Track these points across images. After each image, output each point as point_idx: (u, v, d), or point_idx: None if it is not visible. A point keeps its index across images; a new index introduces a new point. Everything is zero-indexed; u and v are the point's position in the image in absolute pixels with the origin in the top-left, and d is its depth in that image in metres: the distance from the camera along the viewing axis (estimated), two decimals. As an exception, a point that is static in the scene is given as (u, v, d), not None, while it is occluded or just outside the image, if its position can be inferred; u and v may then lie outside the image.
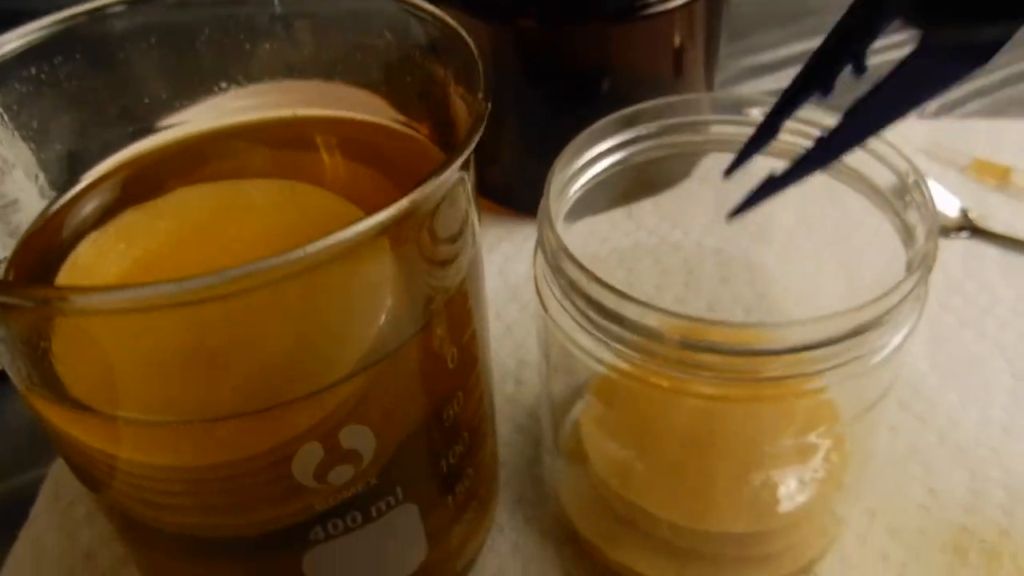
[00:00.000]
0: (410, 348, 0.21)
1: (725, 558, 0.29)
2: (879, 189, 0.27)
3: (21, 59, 0.22)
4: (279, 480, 0.21)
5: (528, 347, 0.38)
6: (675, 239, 0.42)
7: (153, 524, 0.22)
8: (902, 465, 0.33)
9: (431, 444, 0.24)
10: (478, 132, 0.19)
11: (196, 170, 0.25)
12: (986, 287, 0.40)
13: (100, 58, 0.24)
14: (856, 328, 0.22)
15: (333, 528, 0.22)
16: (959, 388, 0.36)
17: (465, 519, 0.27)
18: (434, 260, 0.21)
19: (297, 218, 0.23)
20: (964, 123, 0.50)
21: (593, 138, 0.26)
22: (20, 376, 0.20)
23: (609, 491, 0.30)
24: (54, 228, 0.23)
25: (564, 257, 0.23)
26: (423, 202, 0.18)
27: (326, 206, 0.24)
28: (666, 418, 0.28)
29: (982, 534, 0.31)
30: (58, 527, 0.32)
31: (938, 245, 0.24)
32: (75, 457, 0.22)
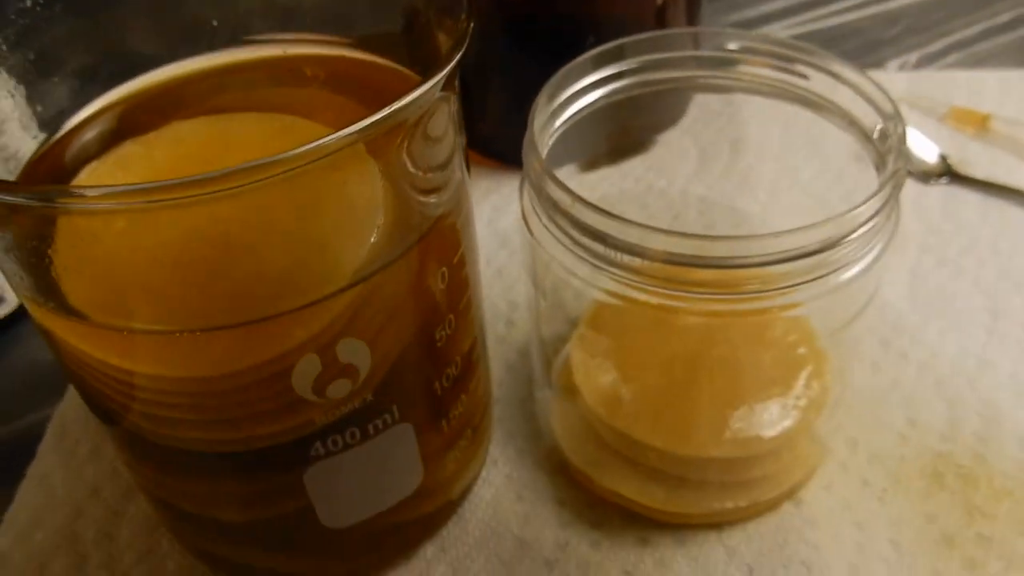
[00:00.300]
0: (402, 264, 0.22)
1: (710, 484, 0.30)
2: (854, 119, 0.28)
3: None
4: (280, 394, 0.21)
5: (518, 290, 0.39)
6: (660, 187, 0.43)
7: (157, 440, 0.23)
8: (883, 398, 0.34)
9: (424, 365, 0.24)
10: (460, 49, 0.20)
11: (190, 105, 0.26)
12: (965, 228, 0.41)
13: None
14: (829, 240, 0.23)
15: (333, 444, 0.23)
16: (938, 324, 0.37)
17: (459, 446, 0.28)
18: (421, 179, 0.22)
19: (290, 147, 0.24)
20: (943, 74, 0.51)
21: (578, 71, 0.27)
22: (23, 288, 0.20)
23: (598, 421, 0.31)
24: (54, 158, 0.24)
25: (549, 181, 0.24)
26: (405, 113, 0.19)
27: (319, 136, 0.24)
28: (652, 345, 0.29)
29: (959, 460, 0.32)
30: (64, 464, 0.33)
31: (907, 166, 0.25)
32: (80, 371, 0.22)
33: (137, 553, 0.30)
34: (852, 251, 0.24)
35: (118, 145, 0.24)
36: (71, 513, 0.31)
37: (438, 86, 0.20)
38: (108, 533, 0.31)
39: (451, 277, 0.24)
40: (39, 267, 0.20)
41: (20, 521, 0.31)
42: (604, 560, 0.29)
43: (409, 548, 0.30)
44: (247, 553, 0.28)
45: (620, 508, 0.31)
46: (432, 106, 0.20)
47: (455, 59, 0.20)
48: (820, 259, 0.23)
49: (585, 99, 0.28)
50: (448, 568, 0.29)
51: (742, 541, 0.30)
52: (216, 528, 0.27)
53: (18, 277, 0.20)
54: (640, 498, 0.30)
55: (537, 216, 0.26)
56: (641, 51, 0.28)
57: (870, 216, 0.23)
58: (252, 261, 0.19)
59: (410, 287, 0.22)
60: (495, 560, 0.30)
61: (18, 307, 0.39)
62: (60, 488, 0.32)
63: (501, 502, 0.31)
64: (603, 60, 0.27)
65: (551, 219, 0.25)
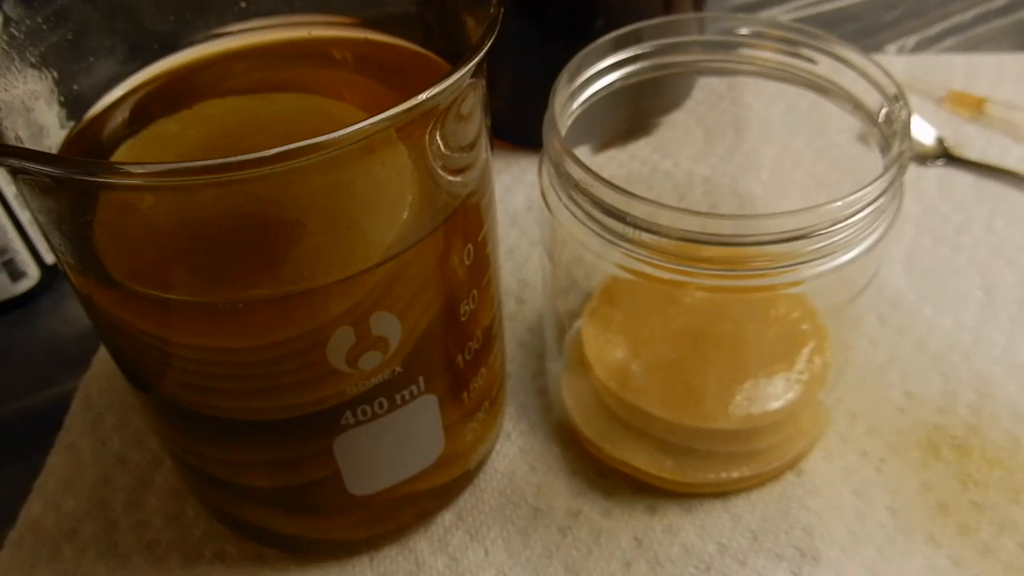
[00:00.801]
0: (432, 240, 0.23)
1: (716, 454, 0.32)
2: (859, 102, 0.29)
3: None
4: (315, 365, 0.22)
5: (528, 269, 0.40)
6: (666, 168, 0.44)
7: (191, 408, 0.24)
8: (881, 373, 0.35)
9: (449, 339, 0.25)
10: (491, 35, 0.21)
11: (221, 85, 0.27)
12: (960, 208, 0.42)
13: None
14: (834, 221, 0.24)
15: (362, 414, 0.24)
16: (934, 301, 0.38)
17: (478, 417, 0.29)
18: (451, 160, 0.23)
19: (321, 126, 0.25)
20: (941, 58, 0.52)
21: (597, 53, 0.28)
22: (67, 258, 0.21)
23: (609, 394, 0.32)
24: (91, 135, 0.24)
25: (568, 160, 0.25)
26: (438, 99, 0.19)
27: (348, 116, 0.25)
28: (661, 319, 0.31)
29: (953, 431, 0.33)
30: (91, 434, 0.34)
31: (912, 148, 0.26)
32: (118, 340, 0.23)
33: (164, 519, 0.31)
34: (856, 232, 0.25)
35: (153, 123, 0.25)
36: (99, 481, 0.32)
37: (470, 72, 0.20)
38: (136, 501, 0.32)
39: (476, 254, 0.25)
40: (82, 239, 0.20)
41: (49, 488, 0.32)
42: (615, 527, 0.31)
43: (428, 516, 0.31)
44: (273, 518, 0.29)
45: (629, 478, 0.32)
46: (463, 91, 0.21)
47: (487, 46, 0.21)
48: (824, 239, 0.24)
49: (603, 80, 0.28)
50: (465, 535, 0.31)
51: (746, 509, 0.31)
52: (244, 494, 0.28)
53: (62, 247, 0.21)
54: (649, 468, 0.31)
55: (555, 193, 0.27)
56: (657, 35, 0.29)
57: (874, 198, 0.24)
58: (289, 237, 0.20)
59: (439, 263, 0.23)
60: (510, 528, 0.31)
61: (39, 281, 0.40)
62: (88, 457, 0.33)
63: (515, 473, 0.32)
64: (621, 43, 0.28)
65: (569, 196, 0.26)
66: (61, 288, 0.41)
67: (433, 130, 0.21)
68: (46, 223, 0.21)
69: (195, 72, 0.27)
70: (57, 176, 0.18)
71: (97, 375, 0.36)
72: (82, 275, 0.22)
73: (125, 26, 0.26)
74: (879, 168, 0.29)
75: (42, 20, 0.23)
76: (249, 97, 0.26)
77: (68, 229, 0.21)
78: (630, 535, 0.30)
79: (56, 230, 0.21)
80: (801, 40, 0.29)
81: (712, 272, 0.25)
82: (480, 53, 0.21)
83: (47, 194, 0.20)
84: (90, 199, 0.20)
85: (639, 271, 0.26)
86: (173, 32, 0.27)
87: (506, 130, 0.47)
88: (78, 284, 0.23)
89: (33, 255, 0.39)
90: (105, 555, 0.30)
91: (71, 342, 0.38)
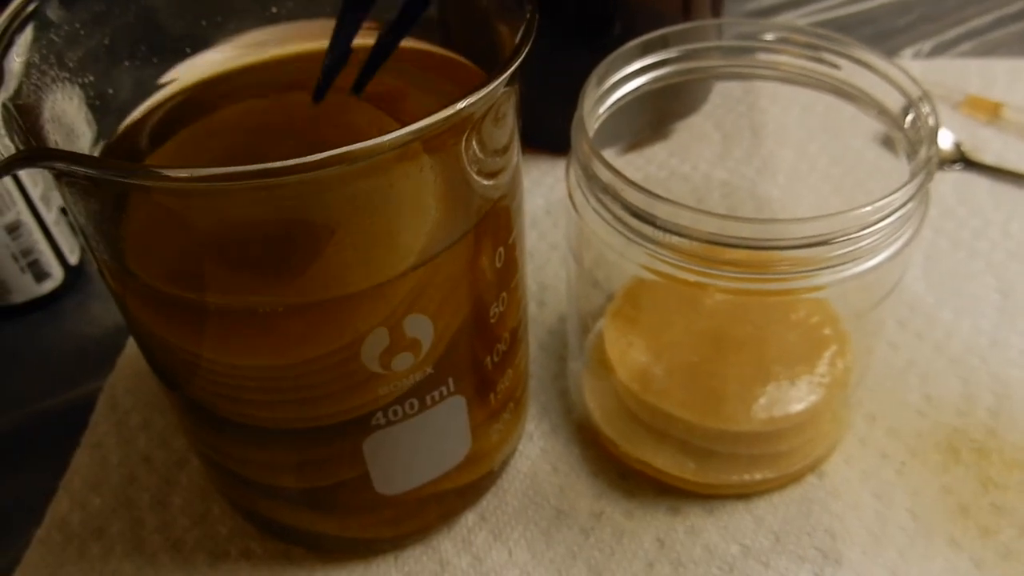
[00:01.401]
0: (465, 244, 0.23)
1: (738, 456, 0.32)
2: (884, 107, 0.29)
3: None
4: (350, 368, 0.23)
5: (547, 271, 0.40)
6: (684, 172, 0.44)
7: (221, 414, 0.25)
8: (901, 376, 0.36)
9: (480, 340, 0.26)
10: (527, 43, 0.21)
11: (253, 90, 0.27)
12: (977, 212, 0.42)
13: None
14: (859, 226, 0.24)
15: (393, 415, 0.25)
16: (952, 305, 0.38)
17: (503, 418, 0.29)
18: (485, 165, 0.23)
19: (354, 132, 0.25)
20: (957, 62, 0.53)
21: (625, 57, 0.28)
22: (104, 259, 0.22)
23: (631, 396, 0.32)
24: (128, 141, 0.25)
25: (597, 162, 0.25)
26: (477, 106, 0.20)
27: (377, 120, 0.25)
28: (683, 321, 0.31)
29: (973, 434, 0.33)
30: (116, 434, 0.34)
31: (939, 153, 0.26)
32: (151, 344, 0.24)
33: (190, 518, 0.32)
34: (881, 238, 0.25)
35: (189, 126, 0.25)
36: (125, 480, 0.33)
37: (506, 80, 0.21)
38: (162, 500, 0.32)
39: (506, 256, 0.25)
40: (121, 240, 0.21)
41: (76, 487, 0.32)
42: (638, 528, 0.31)
43: (452, 516, 0.31)
44: (300, 517, 0.29)
45: (651, 479, 0.32)
46: (498, 99, 0.22)
47: (523, 53, 0.21)
48: (849, 244, 0.24)
49: (630, 84, 0.29)
50: (489, 535, 0.31)
51: (768, 511, 0.31)
52: (271, 493, 0.28)
53: (103, 251, 0.22)
54: (671, 469, 0.32)
55: (582, 193, 0.27)
56: (684, 40, 0.29)
57: (902, 203, 0.24)
58: (325, 242, 0.21)
59: (471, 266, 0.24)
60: (533, 528, 0.31)
61: (63, 282, 0.40)
62: (114, 456, 0.33)
63: (537, 474, 0.33)
64: (648, 48, 0.29)
65: (596, 197, 0.26)
66: (85, 289, 0.41)
67: (469, 137, 0.21)
68: (86, 225, 0.21)
69: (226, 80, 0.27)
70: (98, 178, 0.18)
71: (122, 375, 0.36)
72: (119, 277, 0.22)
73: (158, 31, 0.26)
74: (896, 171, 0.29)
75: (80, 25, 0.24)
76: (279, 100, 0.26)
77: (108, 231, 0.21)
78: (652, 536, 0.31)
79: (97, 232, 0.21)
80: (825, 45, 0.30)
81: (735, 275, 0.25)
82: (518, 60, 0.21)
83: (89, 196, 0.20)
84: (128, 202, 0.20)
85: (664, 272, 0.26)
86: (204, 37, 0.27)
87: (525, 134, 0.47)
88: (115, 286, 0.23)
89: (57, 256, 0.39)
90: (132, 553, 0.31)
91: (95, 342, 0.38)
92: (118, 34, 0.25)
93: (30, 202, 0.37)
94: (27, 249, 0.38)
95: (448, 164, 0.21)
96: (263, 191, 0.19)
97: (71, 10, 0.23)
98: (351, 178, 0.19)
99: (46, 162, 0.18)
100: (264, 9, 0.28)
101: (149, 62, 0.26)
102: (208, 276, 0.21)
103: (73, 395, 0.36)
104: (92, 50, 0.24)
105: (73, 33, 0.23)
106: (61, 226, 0.39)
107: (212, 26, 0.27)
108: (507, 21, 0.24)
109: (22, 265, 0.38)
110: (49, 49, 0.23)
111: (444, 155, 0.21)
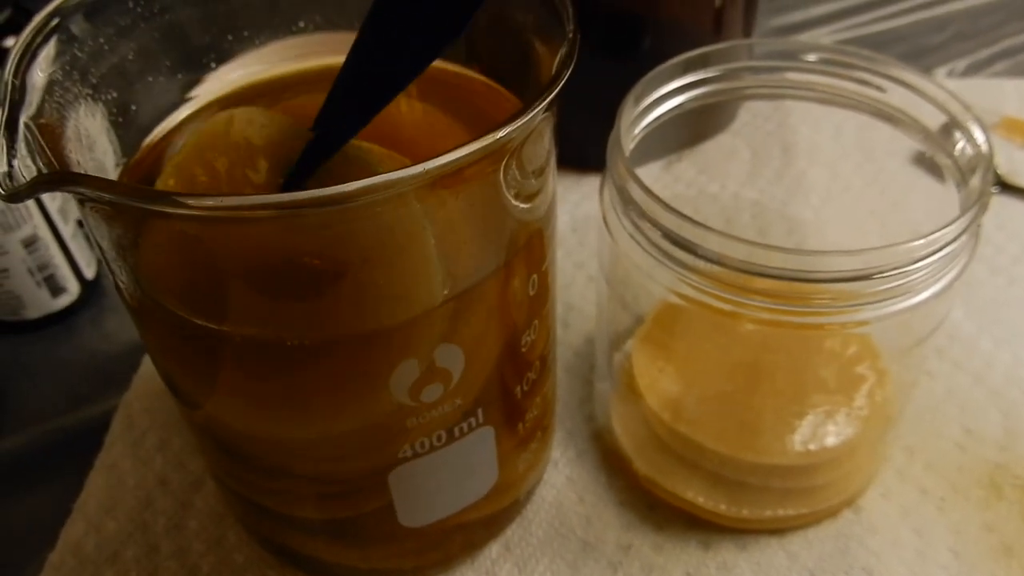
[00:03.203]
0: (501, 272, 0.22)
1: (772, 490, 0.31)
2: (929, 132, 0.28)
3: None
4: (378, 399, 0.22)
5: (573, 292, 0.39)
6: (713, 191, 0.43)
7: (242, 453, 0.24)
8: (939, 407, 0.34)
9: (510, 369, 0.25)
10: (568, 69, 0.20)
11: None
12: (1016, 237, 0.41)
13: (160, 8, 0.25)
14: (912, 259, 0.23)
15: (420, 447, 0.24)
16: (992, 334, 0.37)
17: (531, 448, 0.28)
18: (523, 191, 0.22)
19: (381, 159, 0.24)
20: (992, 82, 0.51)
21: (664, 76, 0.27)
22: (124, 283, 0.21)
23: (661, 425, 0.31)
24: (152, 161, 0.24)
25: (634, 185, 0.24)
26: (517, 133, 0.19)
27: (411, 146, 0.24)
28: (719, 350, 0.30)
29: (1016, 470, 0.32)
30: (132, 455, 0.33)
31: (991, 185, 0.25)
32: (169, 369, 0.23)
33: (206, 544, 0.31)
34: (929, 274, 0.24)
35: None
36: (141, 503, 0.32)
37: (545, 107, 0.20)
38: (177, 524, 0.31)
39: (539, 283, 0.24)
40: (142, 264, 0.20)
41: (90, 510, 0.32)
42: (667, 563, 0.30)
43: (475, 547, 0.30)
44: (320, 548, 0.28)
45: (681, 512, 0.31)
46: (536, 126, 0.21)
47: (564, 78, 0.20)
48: (894, 280, 0.23)
49: (668, 104, 0.28)
50: (514, 567, 0.30)
51: (803, 547, 0.30)
52: (291, 523, 0.27)
53: (120, 270, 0.21)
54: (702, 502, 0.31)
55: (616, 215, 0.26)
56: (723, 59, 0.28)
57: (953, 238, 0.23)
58: (356, 276, 0.20)
59: (505, 294, 0.23)
60: (559, 561, 0.30)
61: (79, 296, 0.39)
62: (129, 478, 0.32)
63: (563, 503, 0.32)
64: (688, 67, 0.28)
65: (630, 219, 0.25)
66: (100, 304, 0.40)
67: (507, 165, 0.20)
68: (108, 248, 0.20)
69: (248, 95, 0.26)
70: (121, 204, 0.17)
71: (138, 393, 0.35)
72: (139, 302, 0.21)
73: (182, 45, 0.26)
74: (933, 193, 0.28)
75: (104, 40, 0.23)
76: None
77: (128, 255, 0.20)
78: (683, 571, 0.30)
79: (117, 256, 0.20)
80: (865, 65, 0.29)
81: (770, 306, 0.24)
82: (559, 84, 0.20)
83: (111, 220, 0.19)
84: (151, 225, 0.20)
85: (697, 300, 0.25)
86: (230, 50, 0.26)
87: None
88: (133, 309, 0.22)
89: (74, 270, 0.39)
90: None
91: (111, 359, 0.37)
92: (142, 49, 0.24)
93: (47, 215, 0.36)
94: (43, 264, 0.37)
95: (483, 193, 0.21)
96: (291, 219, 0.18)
97: (96, 24, 0.22)
98: (381, 209, 0.18)
99: (70, 187, 0.17)
100: (291, 23, 0.27)
101: (174, 77, 0.26)
102: (231, 305, 0.20)
103: (88, 413, 0.36)
104: (116, 65, 0.24)
105: (97, 48, 0.23)
106: (78, 240, 0.39)
107: (238, 40, 0.27)
108: (545, 40, 0.23)
109: (38, 280, 0.37)
110: (73, 65, 0.22)
111: (479, 184, 0.20)
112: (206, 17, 0.26)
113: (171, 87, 0.26)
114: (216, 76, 0.26)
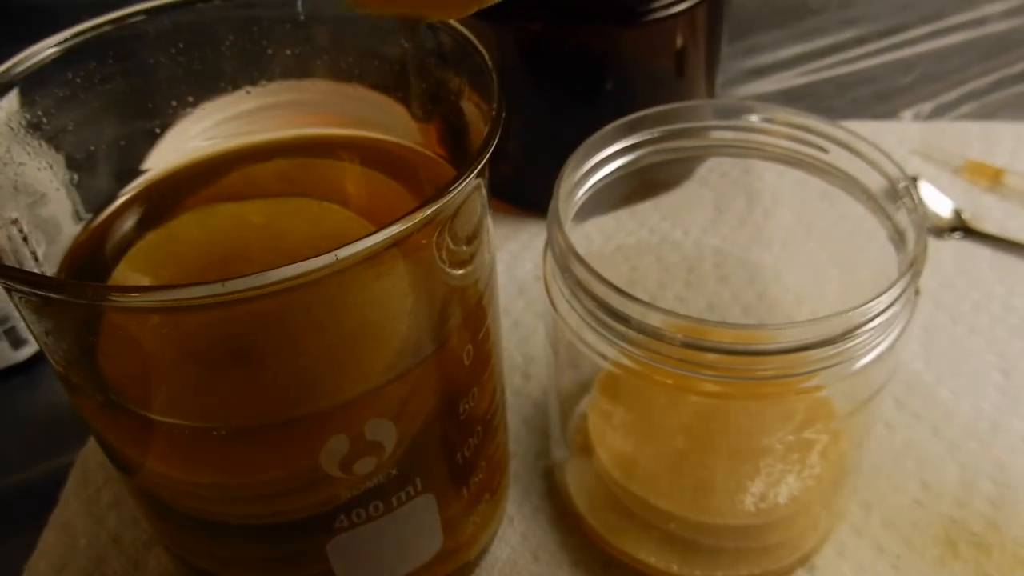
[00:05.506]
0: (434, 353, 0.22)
1: (725, 549, 0.31)
2: (871, 193, 0.28)
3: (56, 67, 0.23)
4: (309, 473, 0.22)
5: (535, 342, 0.39)
6: (676, 238, 0.43)
7: (181, 510, 0.24)
8: (897, 460, 0.34)
9: (447, 437, 0.25)
10: (492, 143, 0.20)
11: (214, 190, 0.26)
12: (978, 285, 0.41)
13: (123, 66, 0.25)
14: (849, 329, 0.23)
15: (357, 517, 0.23)
16: (951, 384, 0.37)
17: (479, 510, 0.28)
18: (453, 264, 0.22)
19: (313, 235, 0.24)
20: (957, 125, 0.52)
21: (599, 143, 0.28)
22: (61, 365, 0.21)
23: (614, 483, 0.31)
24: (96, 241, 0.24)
25: (572, 258, 0.24)
26: (444, 208, 0.19)
27: (341, 223, 0.25)
28: (668, 413, 0.30)
29: (972, 527, 0.32)
30: (86, 512, 0.33)
31: (927, 248, 0.25)
32: (109, 449, 0.23)
33: (156, 606, 0.30)
34: (872, 336, 0.24)
35: (150, 233, 0.24)
36: (93, 562, 0.32)
37: (475, 174, 0.20)
38: (128, 584, 0.31)
39: (476, 353, 0.24)
40: (77, 354, 0.20)
41: (41, 570, 0.31)
42: (619, 623, 0.30)
43: (426, 609, 0.30)
44: (266, 612, 0.28)
45: (635, 571, 0.31)
46: (468, 194, 0.21)
47: (491, 147, 0.20)
48: (840, 345, 0.23)
49: (606, 168, 0.28)
50: (464, 629, 0.30)
51: (756, 607, 0.30)
52: (236, 587, 0.27)
53: (56, 356, 0.21)
54: (655, 562, 0.30)
55: (559, 287, 0.26)
56: (661, 122, 0.28)
57: (890, 303, 0.23)
58: (291, 361, 0.20)
59: (440, 367, 0.23)
60: (511, 622, 0.30)
61: (40, 350, 0.39)
62: (82, 537, 0.32)
63: (517, 562, 0.32)
64: (624, 131, 0.28)
65: (573, 294, 0.25)
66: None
67: (441, 235, 0.20)
68: (38, 334, 0.20)
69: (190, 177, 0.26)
70: (45, 297, 0.18)
71: (94, 449, 0.35)
72: (71, 384, 0.21)
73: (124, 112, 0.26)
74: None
75: (54, 104, 0.23)
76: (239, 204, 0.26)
77: (55, 341, 0.20)
78: (635, 632, 0.29)
79: (45, 340, 0.20)
80: (810, 127, 0.29)
81: (715, 379, 0.24)
82: (486, 155, 0.20)
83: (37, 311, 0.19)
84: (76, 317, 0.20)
85: (640, 373, 0.25)
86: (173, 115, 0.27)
87: (514, 194, 0.46)
88: (68, 391, 0.22)
89: (35, 321, 0.39)
90: (95, 643, 0.30)
91: (71, 412, 0.37)
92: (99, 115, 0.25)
93: (7, 269, 0.36)
94: (3, 316, 0.37)
95: (414, 270, 0.21)
96: (214, 309, 0.18)
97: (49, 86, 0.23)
98: (299, 295, 0.18)
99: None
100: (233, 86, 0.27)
101: (117, 144, 0.26)
102: (154, 393, 0.20)
103: (47, 467, 0.35)
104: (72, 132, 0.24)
105: (36, 121, 0.23)
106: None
107: (182, 105, 0.27)
108: (475, 102, 0.23)
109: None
110: (27, 131, 0.22)
111: (409, 260, 0.20)
112: (149, 82, 0.26)
113: (126, 153, 0.26)
114: (161, 147, 0.26)
